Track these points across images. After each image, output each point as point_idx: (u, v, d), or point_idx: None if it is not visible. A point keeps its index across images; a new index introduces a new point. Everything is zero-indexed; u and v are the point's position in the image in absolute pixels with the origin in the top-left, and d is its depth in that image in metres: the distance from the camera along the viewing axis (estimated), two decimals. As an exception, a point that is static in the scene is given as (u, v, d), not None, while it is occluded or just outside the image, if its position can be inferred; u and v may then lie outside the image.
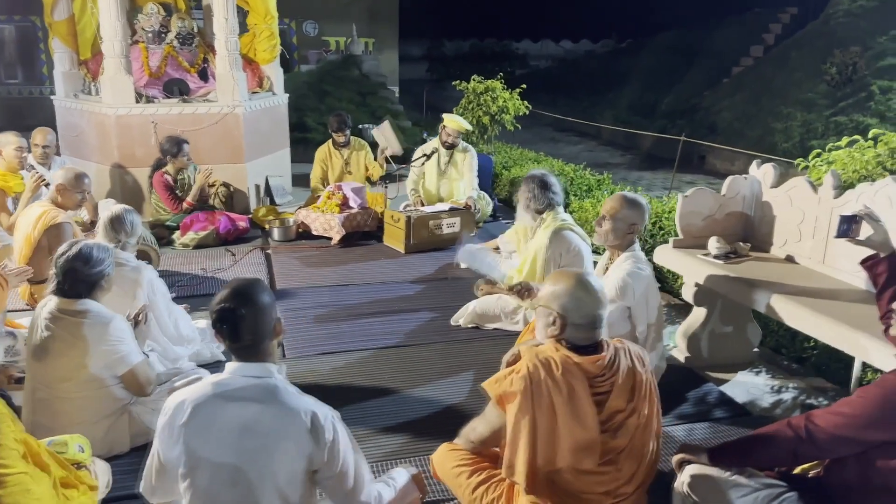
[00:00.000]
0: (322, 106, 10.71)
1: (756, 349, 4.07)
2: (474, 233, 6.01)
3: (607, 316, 3.28)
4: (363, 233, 6.08)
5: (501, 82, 9.14)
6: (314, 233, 6.02)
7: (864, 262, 2.73)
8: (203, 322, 3.82)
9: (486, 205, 6.58)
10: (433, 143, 6.40)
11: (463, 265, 5.22)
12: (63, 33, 6.85)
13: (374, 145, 9.56)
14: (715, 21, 18.44)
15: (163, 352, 3.44)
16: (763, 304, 3.29)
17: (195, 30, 7.29)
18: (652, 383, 2.28)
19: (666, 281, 4.97)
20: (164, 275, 4.95)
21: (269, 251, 5.70)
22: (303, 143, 9.46)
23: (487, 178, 6.84)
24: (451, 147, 6.26)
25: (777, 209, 3.83)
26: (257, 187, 7.11)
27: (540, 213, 4.32)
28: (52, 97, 7.15)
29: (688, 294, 3.86)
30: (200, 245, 5.67)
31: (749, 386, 3.77)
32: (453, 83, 9.42)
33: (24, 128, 5.80)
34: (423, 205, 6.14)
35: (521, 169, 7.96)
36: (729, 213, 3.97)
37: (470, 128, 6.34)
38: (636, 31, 23.31)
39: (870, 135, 4.01)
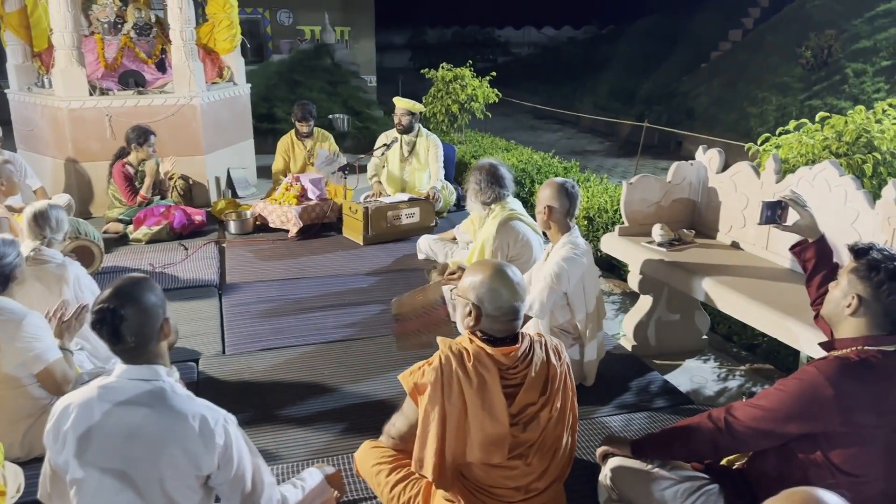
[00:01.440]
0: (293, 96, 10.57)
1: (705, 337, 4.02)
2: (434, 223, 5.93)
3: (549, 304, 3.27)
4: (323, 224, 5.99)
5: (471, 70, 9.03)
6: (271, 225, 5.92)
7: (792, 249, 2.68)
8: (139, 319, 3.73)
9: (450, 194, 6.50)
10: (392, 132, 6.31)
11: (421, 256, 5.18)
12: (15, 25, 6.70)
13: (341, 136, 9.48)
14: (695, 6, 18.35)
15: (93, 350, 3.36)
16: (700, 291, 3.24)
17: (152, 20, 7.16)
18: (567, 377, 2.23)
19: (621, 269, 4.92)
20: (111, 271, 4.90)
21: (224, 245, 5.61)
22: (272, 133, 9.34)
23: (451, 168, 6.76)
24: (406, 131, 6.16)
25: (722, 195, 3.78)
26: (217, 180, 7.01)
27: (488, 203, 4.25)
28: (6, 91, 7.01)
29: (633, 282, 3.81)
30: (154, 240, 5.57)
31: (695, 374, 3.73)
32: (422, 71, 9.31)
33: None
34: (382, 194, 6.05)
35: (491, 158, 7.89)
36: (675, 199, 3.91)
37: (420, 107, 6.22)
38: (618, 16, 23.18)
39: (817, 118, 3.95)
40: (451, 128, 9.06)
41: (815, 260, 2.59)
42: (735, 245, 3.69)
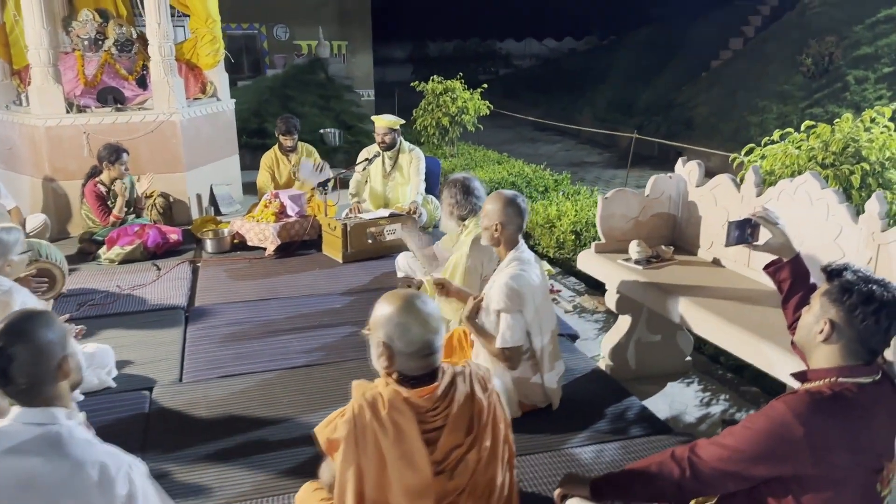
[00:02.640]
0: (284, 111, 10.43)
1: (689, 358, 3.82)
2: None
3: (520, 328, 3.07)
4: (303, 242, 5.83)
5: (462, 82, 8.90)
6: (249, 243, 5.77)
7: (766, 268, 2.48)
8: (92, 346, 3.57)
9: (434, 209, 6.32)
10: (375, 147, 6.15)
11: (400, 274, 4.99)
12: (-8, 43, 6.62)
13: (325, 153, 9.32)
14: (696, 15, 18.20)
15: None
16: (675, 312, 3.05)
17: (134, 36, 7.05)
18: (498, 408, 2.04)
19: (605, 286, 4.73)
20: (78, 292, 4.76)
21: (198, 264, 5.46)
22: (262, 149, 9.12)
23: (435, 181, 6.59)
24: (389, 147, 6.00)
25: (703, 209, 3.59)
26: (199, 197, 6.87)
27: (463, 219, 4.07)
28: (-16, 109, 6.91)
29: (610, 301, 3.61)
30: (127, 260, 5.42)
31: (676, 399, 3.53)
32: (412, 84, 9.18)
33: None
34: (360, 211, 5.89)
35: (481, 171, 7.74)
36: (654, 214, 3.73)
37: (400, 121, 6.06)
38: (619, 27, 23.05)
39: (802, 127, 3.76)
40: (442, 141, 8.92)
41: (791, 280, 2.40)
42: (716, 262, 3.50)
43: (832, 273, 1.94)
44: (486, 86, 9.08)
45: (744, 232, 2.47)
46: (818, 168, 3.49)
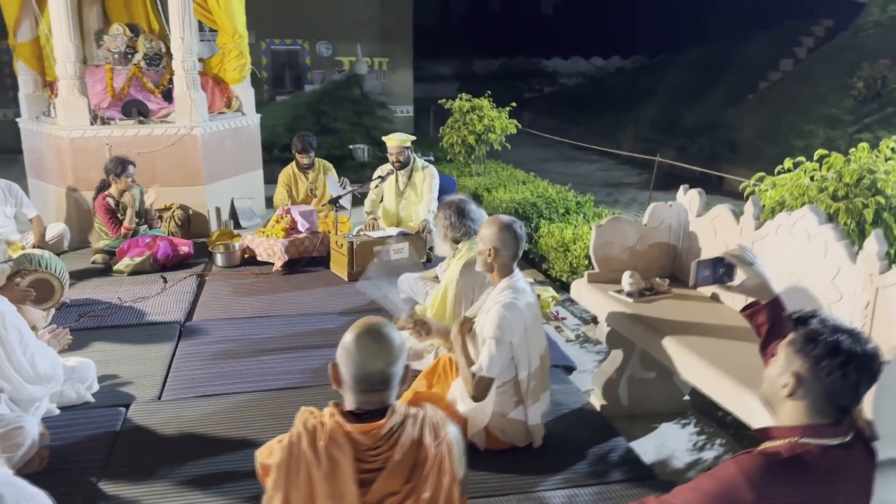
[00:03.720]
0: (317, 126, 10.53)
1: (687, 398, 3.60)
2: (426, 259, 5.64)
3: (502, 359, 2.92)
4: (312, 259, 5.78)
5: (490, 100, 8.78)
6: (259, 258, 5.76)
7: (743, 311, 2.30)
8: (73, 360, 3.56)
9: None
10: (389, 164, 6.09)
11: (402, 296, 4.87)
12: (27, 55, 6.81)
13: (359, 166, 9.34)
14: (746, 34, 17.73)
15: (13, 391, 3.17)
16: (661, 350, 2.86)
17: (163, 50, 7.17)
18: (445, 460, 1.90)
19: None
20: (82, 303, 4.79)
21: (206, 278, 5.46)
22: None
23: (450, 201, 6.46)
24: (403, 166, 5.93)
25: (703, 240, 3.39)
26: (218, 210, 6.91)
27: (457, 242, 3.96)
28: (17, 120, 7.11)
29: (601, 334, 3.43)
30: (136, 272, 5.46)
31: (667, 441, 3.32)
32: (439, 101, 9.11)
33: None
34: (374, 228, 5.82)
35: (504, 191, 7.59)
36: (652, 244, 3.54)
37: (411, 137, 5.98)
38: (668, 46, 22.64)
39: (815, 156, 3.52)
40: (468, 159, 8.81)
41: (769, 325, 2.21)
42: (715, 297, 3.29)
43: (798, 321, 1.77)
44: (514, 104, 8.93)
45: (715, 271, 2.29)
46: (829, 201, 3.25)
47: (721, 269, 2.29)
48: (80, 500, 2.73)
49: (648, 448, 3.24)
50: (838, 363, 1.66)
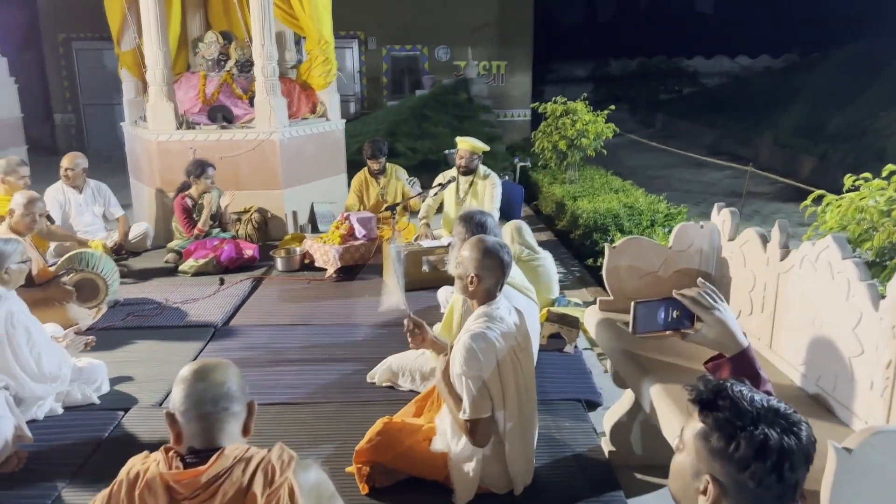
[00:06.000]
0: (418, 131, 10.50)
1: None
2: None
3: (483, 398, 2.62)
4: (369, 266, 5.68)
5: (586, 103, 8.31)
6: (316, 264, 5.74)
7: (706, 364, 1.87)
8: (84, 361, 3.64)
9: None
10: (452, 170, 5.86)
11: (443, 310, 4.65)
12: (129, 63, 7.25)
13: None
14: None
15: (18, 388, 3.28)
16: (645, 395, 2.44)
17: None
18: None
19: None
20: (135, 302, 4.96)
21: (263, 282, 5.51)
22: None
23: (517, 211, 6.14)
24: (468, 172, 5.68)
25: (733, 268, 2.89)
26: (295, 214, 7.00)
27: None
28: (121, 124, 7.59)
29: (610, 371, 3.02)
30: (200, 273, 5.61)
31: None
32: (532, 105, 8.75)
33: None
34: (428, 237, 5.62)
35: (589, 201, 7.12)
36: (679, 270, 3.06)
37: (485, 147, 5.71)
38: (823, 44, 20.66)
39: (884, 172, 2.89)
40: (559, 166, 8.39)
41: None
42: (742, 337, 2.78)
43: (702, 404, 1.35)
44: (613, 107, 8.39)
45: (667, 315, 1.87)
46: (893, 228, 2.64)
47: (675, 313, 1.87)
48: (38, 505, 2.73)
49: (651, 508, 2.79)
50: (770, 466, 1.25)
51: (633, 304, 1.87)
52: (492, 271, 2.67)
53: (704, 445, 1.31)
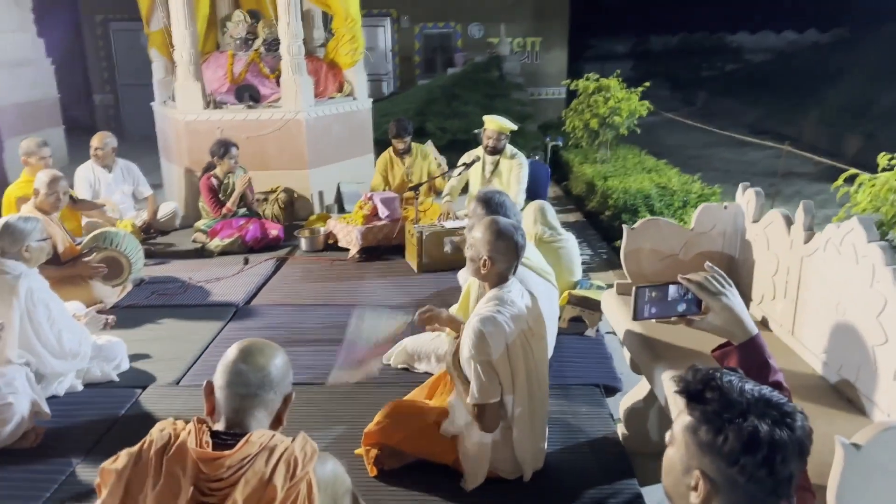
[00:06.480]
0: (448, 110, 10.39)
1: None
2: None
3: (493, 383, 2.56)
4: (393, 246, 5.63)
5: (619, 80, 8.09)
6: (340, 245, 5.72)
7: (714, 352, 1.77)
8: (104, 339, 3.68)
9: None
10: (478, 150, 5.77)
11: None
12: (158, 43, 7.29)
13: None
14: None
15: (39, 364, 3.32)
16: (658, 383, 2.35)
17: (282, 36, 7.34)
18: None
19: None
20: (160, 280, 5.01)
21: (287, 261, 5.52)
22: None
23: (543, 192, 6.02)
24: (494, 152, 5.58)
25: (756, 251, 2.76)
26: (321, 194, 6.99)
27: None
28: (151, 104, 7.64)
29: (626, 357, 2.93)
30: (225, 252, 5.64)
31: (692, 492, 2.75)
32: (563, 82, 8.56)
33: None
34: (448, 217, 5.55)
35: (614, 180, 6.94)
36: (701, 252, 2.94)
37: (513, 126, 5.60)
38: (876, 16, 19.78)
39: (921, 149, 2.72)
40: (591, 145, 8.21)
41: (743, 372, 1.67)
42: (763, 323, 2.66)
43: (690, 396, 1.27)
44: (647, 84, 8.15)
45: (672, 301, 1.77)
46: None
47: (684, 295, 1.78)
48: (52, 484, 2.76)
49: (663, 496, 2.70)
50: (760, 459, 1.17)
51: (634, 288, 1.78)
52: (504, 254, 2.60)
53: (693, 439, 1.24)
